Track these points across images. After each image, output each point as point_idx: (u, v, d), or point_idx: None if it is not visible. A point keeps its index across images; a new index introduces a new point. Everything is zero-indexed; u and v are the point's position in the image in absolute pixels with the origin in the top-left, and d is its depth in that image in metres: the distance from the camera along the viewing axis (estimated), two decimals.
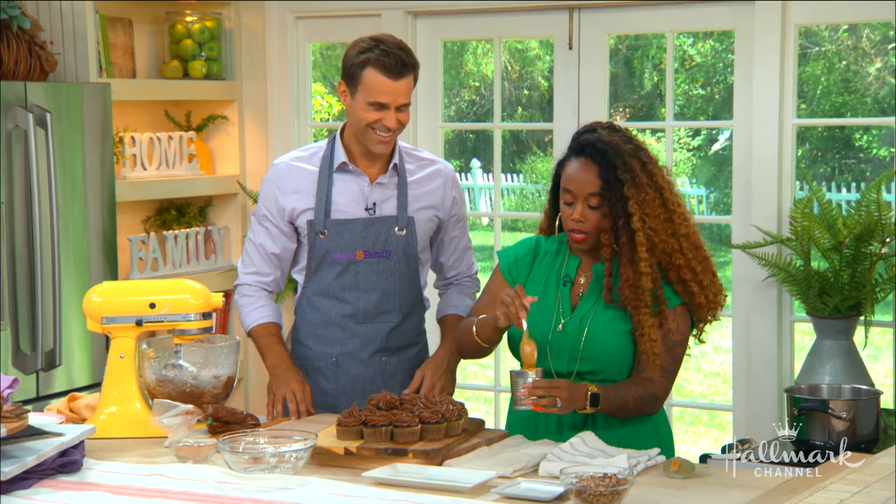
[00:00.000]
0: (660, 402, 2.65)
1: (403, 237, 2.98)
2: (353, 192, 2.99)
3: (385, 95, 2.87)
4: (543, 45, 11.58)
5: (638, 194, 2.58)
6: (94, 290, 2.78)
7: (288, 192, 3.00)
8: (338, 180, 2.99)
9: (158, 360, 2.70)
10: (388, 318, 3.01)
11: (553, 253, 2.74)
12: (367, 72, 2.87)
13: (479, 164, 13.15)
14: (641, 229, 2.57)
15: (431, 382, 2.97)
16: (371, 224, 2.97)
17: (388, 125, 2.89)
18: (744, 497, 2.17)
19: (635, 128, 8.26)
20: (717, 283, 2.66)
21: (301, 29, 4.66)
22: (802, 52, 3.81)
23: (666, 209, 2.62)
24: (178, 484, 2.27)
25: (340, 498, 2.18)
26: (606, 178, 2.59)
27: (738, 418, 4.10)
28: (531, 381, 2.48)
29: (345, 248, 2.97)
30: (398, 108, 2.89)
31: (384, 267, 2.99)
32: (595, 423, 2.65)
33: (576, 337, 2.64)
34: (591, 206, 2.61)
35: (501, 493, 2.20)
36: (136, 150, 4.35)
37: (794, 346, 4.07)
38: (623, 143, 2.63)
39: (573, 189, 2.62)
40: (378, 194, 3.00)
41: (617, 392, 2.58)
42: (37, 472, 2.27)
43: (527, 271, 2.74)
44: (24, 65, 3.89)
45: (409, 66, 2.89)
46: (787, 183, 3.99)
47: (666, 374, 2.63)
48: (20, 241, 3.72)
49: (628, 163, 2.60)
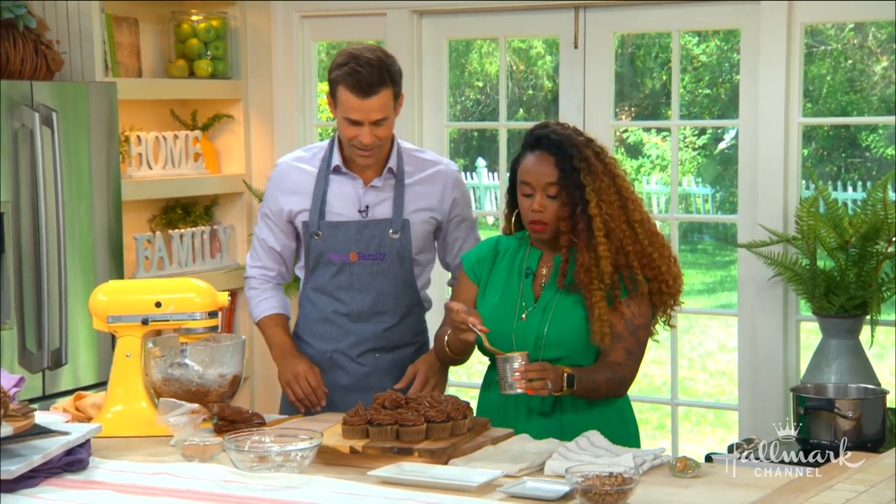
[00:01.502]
0: (627, 384, 2.75)
1: (398, 240, 3.00)
2: (347, 195, 3.02)
3: (356, 113, 2.89)
4: (548, 44, 11.57)
5: (594, 181, 2.70)
6: (100, 289, 2.78)
7: (287, 193, 3.05)
8: (334, 182, 3.02)
9: (164, 359, 2.71)
10: (383, 319, 3.04)
11: (514, 249, 2.85)
12: (339, 89, 2.90)
13: (484, 163, 13.15)
14: (599, 214, 2.69)
15: (425, 378, 3.00)
16: (365, 227, 2.99)
17: (364, 141, 2.91)
18: (749, 496, 2.17)
19: (641, 127, 8.24)
20: (674, 270, 2.77)
21: (307, 28, 4.66)
22: (808, 51, 3.81)
23: (620, 196, 2.74)
24: (184, 483, 2.27)
25: (346, 497, 2.18)
26: (563, 168, 2.71)
27: (744, 417, 4.10)
28: (519, 364, 2.57)
29: (339, 250, 3.01)
30: (373, 123, 2.89)
31: (378, 269, 3.01)
32: (563, 408, 2.74)
33: (539, 325, 2.74)
34: (550, 195, 2.72)
35: (507, 492, 2.20)
36: (141, 150, 4.36)
37: (799, 346, 4.07)
38: (574, 135, 2.77)
39: (531, 181, 2.72)
40: (372, 197, 3.01)
41: (588, 375, 2.68)
42: (43, 470, 2.28)
43: (489, 268, 2.84)
44: (30, 64, 3.89)
45: (379, 83, 2.87)
46: (793, 182, 3.98)
47: (632, 356, 2.73)
48: (26, 240, 3.72)
49: (583, 152, 2.73)
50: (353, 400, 2.95)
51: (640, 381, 7.77)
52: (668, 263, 2.74)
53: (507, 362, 2.58)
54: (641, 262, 2.72)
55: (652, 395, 7.38)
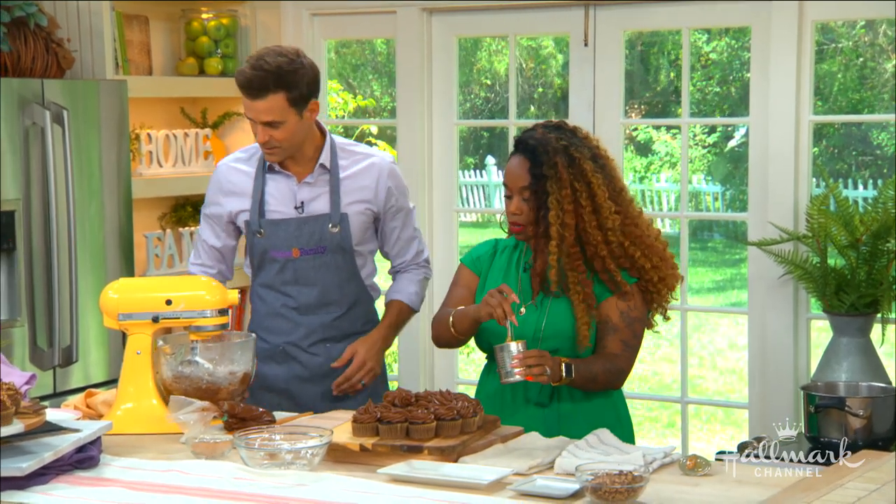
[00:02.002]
0: (624, 375, 2.81)
1: (337, 233, 3.07)
2: (283, 192, 3.10)
3: (248, 111, 2.99)
4: (557, 42, 11.56)
5: (559, 190, 2.75)
6: (110, 287, 2.78)
7: (227, 194, 3.15)
8: (270, 180, 3.11)
9: (175, 357, 2.71)
10: (331, 310, 3.12)
11: (511, 246, 2.92)
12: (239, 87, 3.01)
13: (493, 160, 13.15)
14: (555, 223, 2.74)
15: (362, 359, 3.09)
16: (304, 223, 3.07)
17: (259, 139, 3.00)
18: (760, 494, 2.16)
19: (650, 124, 8.19)
20: (663, 270, 2.81)
21: (316, 26, 4.66)
22: (819, 49, 3.80)
23: (593, 202, 2.76)
24: (195, 480, 2.28)
25: (356, 494, 2.18)
26: (534, 173, 2.78)
27: (754, 416, 4.09)
28: (518, 352, 2.61)
29: (281, 247, 3.09)
30: (265, 124, 2.97)
31: (320, 262, 3.08)
32: (560, 398, 2.79)
33: (538, 318, 2.79)
34: (524, 199, 2.79)
35: (517, 490, 2.20)
36: (152, 147, 4.36)
37: (810, 344, 4.06)
38: (556, 140, 2.78)
39: (508, 183, 2.82)
40: (307, 193, 3.09)
41: (586, 365, 2.74)
42: (54, 467, 2.28)
43: (488, 264, 2.91)
44: (41, 62, 3.91)
45: (263, 89, 2.93)
46: (804, 180, 3.97)
47: (628, 348, 2.79)
48: (37, 238, 3.73)
49: (552, 159, 2.76)
50: (310, 390, 3.09)
51: (650, 379, 7.77)
52: (654, 263, 2.80)
53: (504, 351, 2.63)
54: (623, 264, 2.78)
55: (662, 393, 7.37)
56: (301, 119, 3.01)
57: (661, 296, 2.83)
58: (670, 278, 2.83)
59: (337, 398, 3.10)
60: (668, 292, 2.84)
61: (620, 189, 2.83)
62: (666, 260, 2.83)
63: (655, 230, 2.87)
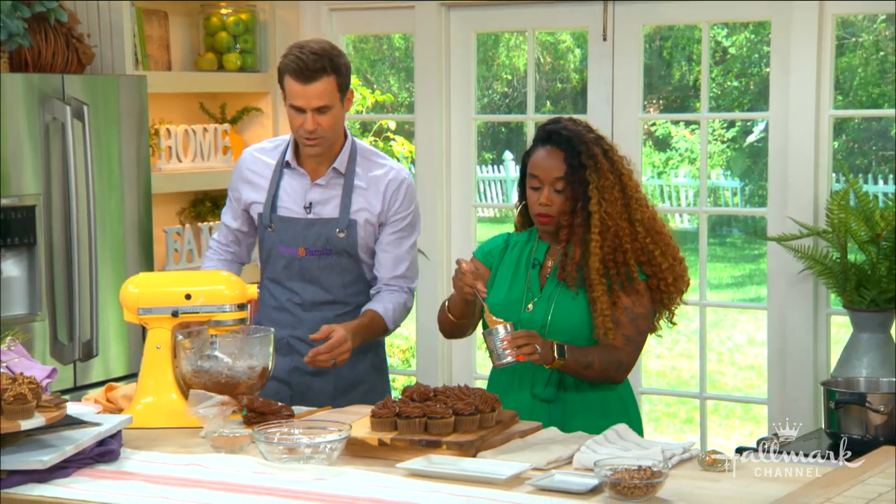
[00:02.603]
0: (624, 368, 2.78)
1: (344, 239, 3.06)
2: (296, 190, 3.09)
3: (299, 99, 2.96)
4: (576, 37, 11.54)
5: (598, 179, 2.76)
6: (130, 281, 2.80)
7: (245, 182, 3.15)
8: (286, 176, 3.10)
9: (194, 351, 2.72)
10: (335, 308, 3.10)
11: (523, 242, 2.91)
12: (285, 78, 2.99)
13: (511, 156, 13.14)
14: (598, 212, 2.75)
15: (343, 336, 2.88)
16: (312, 224, 3.06)
17: (307, 128, 2.97)
18: (779, 491, 2.16)
19: (669, 119, 8.16)
20: (677, 270, 2.81)
21: (335, 21, 4.67)
22: (839, 43, 3.78)
23: (624, 195, 2.78)
24: (214, 474, 2.29)
25: (374, 489, 2.18)
26: (571, 164, 2.77)
27: (773, 412, 4.08)
28: (505, 333, 2.61)
29: (289, 244, 3.08)
30: (316, 110, 2.96)
31: (325, 263, 3.07)
32: (566, 387, 2.79)
33: (545, 314, 2.79)
34: (557, 190, 2.78)
35: (535, 485, 2.20)
36: (171, 143, 4.38)
37: (830, 340, 4.04)
38: (585, 132, 2.82)
39: (539, 174, 2.79)
40: (317, 194, 3.07)
41: (582, 351, 2.73)
42: (75, 460, 2.30)
43: (499, 259, 2.90)
44: (61, 57, 3.93)
45: (319, 70, 2.94)
46: (824, 175, 3.95)
47: (630, 343, 2.77)
48: (57, 233, 3.75)
49: (591, 149, 2.78)
50: (312, 382, 3.06)
51: (669, 375, 7.75)
52: (670, 262, 2.79)
53: (493, 335, 2.63)
54: (640, 259, 2.77)
55: (680, 388, 7.35)
56: (343, 107, 3.02)
57: (671, 297, 2.81)
58: (682, 280, 2.82)
59: (336, 394, 3.08)
60: (678, 295, 2.82)
61: (638, 185, 2.84)
62: (680, 261, 2.83)
63: (668, 230, 2.87)
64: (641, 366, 4.35)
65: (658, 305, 2.82)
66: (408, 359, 7.36)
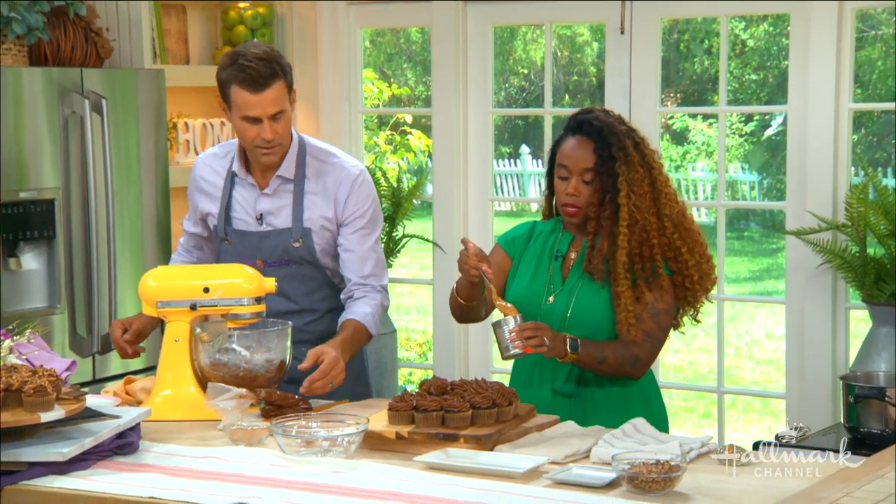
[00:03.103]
0: (641, 364, 2.73)
1: (300, 247, 2.93)
2: (248, 201, 2.97)
3: (253, 109, 2.81)
4: (593, 30, 11.50)
5: (628, 171, 2.72)
6: (149, 275, 2.81)
7: (199, 191, 3.04)
8: (238, 185, 2.99)
9: (212, 344, 2.73)
10: (303, 315, 2.98)
11: (547, 232, 2.87)
12: (232, 89, 2.82)
13: (528, 150, 13.12)
14: (626, 205, 2.70)
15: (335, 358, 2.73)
16: (266, 236, 2.95)
17: (266, 137, 2.84)
18: (798, 485, 2.15)
19: (687, 113, 8.11)
20: (704, 268, 2.76)
21: (352, 15, 4.67)
22: (859, 36, 3.74)
23: (653, 189, 2.74)
24: (232, 466, 2.29)
25: (392, 482, 2.18)
26: (601, 154, 2.73)
27: (792, 406, 4.07)
28: (514, 325, 2.57)
29: (246, 256, 2.96)
30: (271, 118, 2.83)
31: (286, 273, 2.95)
32: (586, 383, 2.76)
33: (565, 306, 2.76)
34: (585, 180, 2.74)
35: (553, 479, 2.20)
36: (189, 136, 4.39)
37: (848, 334, 4.02)
38: (617, 123, 2.77)
39: (568, 164, 2.75)
40: (266, 204, 2.95)
41: (596, 346, 2.70)
42: (95, 453, 2.31)
43: (523, 248, 2.87)
44: (80, 51, 3.94)
45: (271, 76, 2.80)
46: (843, 168, 3.93)
47: (650, 338, 2.73)
48: (76, 226, 3.77)
49: (622, 141, 2.73)
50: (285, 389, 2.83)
51: (686, 369, 7.73)
52: (696, 260, 2.75)
53: (501, 326, 2.59)
54: (667, 254, 2.73)
55: (698, 382, 7.33)
56: (291, 109, 2.89)
57: (696, 295, 2.76)
58: (708, 278, 2.77)
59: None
60: (704, 293, 2.78)
61: (668, 180, 2.80)
62: (708, 259, 2.78)
63: (697, 226, 2.81)
64: (659, 360, 4.34)
65: (682, 302, 2.78)
66: (424, 352, 7.36)
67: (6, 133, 3.59)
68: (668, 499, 2.10)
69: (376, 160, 6.52)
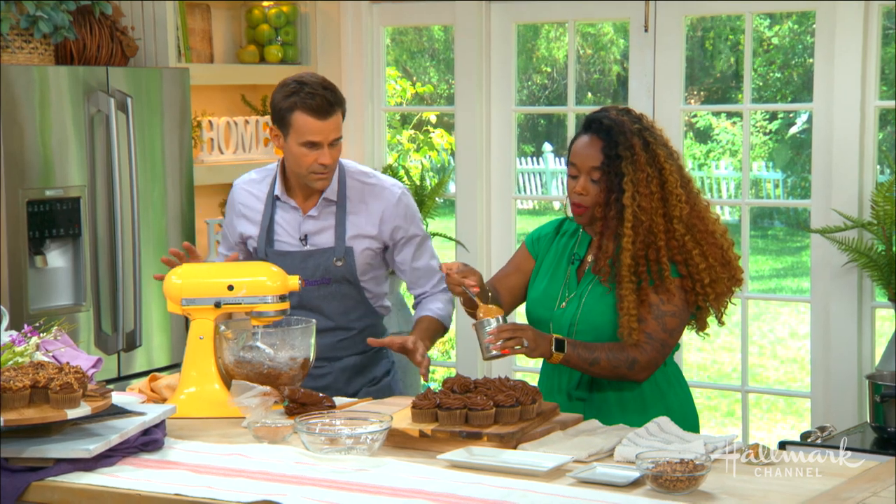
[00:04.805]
0: (640, 366, 2.67)
1: (342, 267, 3.04)
2: (290, 223, 3.07)
3: (317, 135, 2.95)
4: (617, 28, 11.47)
5: (634, 171, 2.67)
6: (174, 272, 2.82)
7: (238, 216, 3.14)
8: (279, 208, 3.09)
9: (236, 342, 2.74)
10: (337, 333, 3.08)
11: (570, 233, 2.85)
12: (295, 115, 2.95)
13: (550, 147, 13.10)
14: (630, 206, 2.66)
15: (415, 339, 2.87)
16: (309, 256, 3.04)
17: (324, 162, 2.97)
18: (823, 484, 2.14)
19: (711, 111, 8.09)
20: (717, 271, 2.67)
21: (376, 13, 4.67)
22: (885, 33, 3.72)
23: (663, 190, 2.68)
24: (256, 464, 2.30)
25: (416, 480, 2.19)
26: (608, 154, 2.69)
27: (816, 405, 4.04)
28: (492, 327, 2.58)
29: None
30: (330, 144, 2.97)
31: (325, 292, 3.05)
32: (599, 387, 2.73)
33: (574, 311, 2.74)
34: (593, 179, 2.71)
35: (577, 478, 2.19)
36: (213, 135, 4.41)
37: (874, 333, 4.00)
38: (630, 122, 2.71)
39: (577, 163, 2.73)
40: (311, 226, 3.06)
41: (587, 347, 2.66)
42: (120, 449, 2.32)
43: (546, 248, 2.86)
44: (105, 50, 3.96)
45: (335, 104, 2.96)
46: (869, 166, 3.91)
47: (651, 340, 2.67)
48: (102, 224, 3.79)
49: (629, 140, 2.69)
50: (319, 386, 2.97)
51: (710, 368, 7.71)
52: (709, 263, 2.66)
53: (481, 327, 2.61)
54: (676, 257, 2.66)
55: (722, 381, 7.31)
56: None
57: (709, 298, 2.68)
58: (724, 282, 2.68)
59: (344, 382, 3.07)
60: (719, 297, 2.69)
61: (688, 180, 2.73)
62: (727, 262, 2.70)
63: (722, 227, 2.74)
64: (682, 359, 4.33)
65: (694, 306, 2.70)
66: (447, 350, 7.36)
67: (33, 131, 3.61)
68: (693, 498, 2.09)
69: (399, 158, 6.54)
